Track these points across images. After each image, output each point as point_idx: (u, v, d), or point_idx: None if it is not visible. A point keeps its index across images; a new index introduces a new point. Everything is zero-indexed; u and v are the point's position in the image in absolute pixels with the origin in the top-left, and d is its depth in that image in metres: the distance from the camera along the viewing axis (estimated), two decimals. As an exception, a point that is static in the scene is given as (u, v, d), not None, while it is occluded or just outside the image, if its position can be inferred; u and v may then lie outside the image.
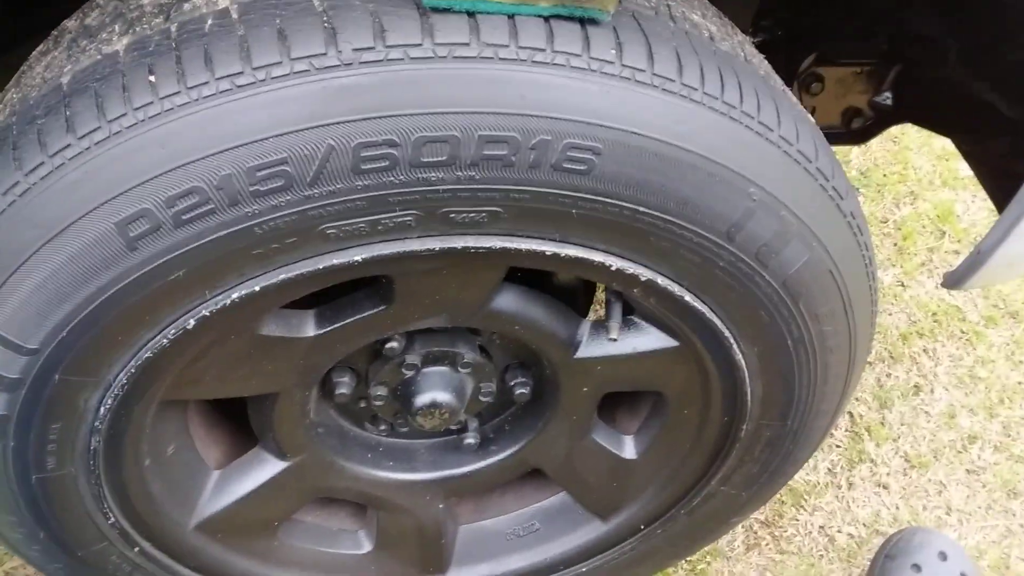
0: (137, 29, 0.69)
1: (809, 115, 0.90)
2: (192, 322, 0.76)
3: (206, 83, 0.65)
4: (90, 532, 0.97)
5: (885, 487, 1.67)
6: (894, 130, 2.68)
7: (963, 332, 1.94)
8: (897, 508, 1.63)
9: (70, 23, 0.81)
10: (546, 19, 0.69)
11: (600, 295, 1.34)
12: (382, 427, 1.17)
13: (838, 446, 1.73)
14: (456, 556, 1.30)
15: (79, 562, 1.02)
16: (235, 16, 0.67)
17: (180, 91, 0.65)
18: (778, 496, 1.63)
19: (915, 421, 1.77)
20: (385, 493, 1.18)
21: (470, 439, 1.18)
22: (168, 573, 1.09)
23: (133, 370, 0.79)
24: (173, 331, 0.76)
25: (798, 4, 1.45)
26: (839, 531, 1.61)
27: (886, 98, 1.61)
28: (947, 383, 1.84)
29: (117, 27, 0.71)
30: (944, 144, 2.51)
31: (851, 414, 1.78)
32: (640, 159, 0.73)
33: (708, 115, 0.74)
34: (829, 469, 1.69)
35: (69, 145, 0.66)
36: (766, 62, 0.91)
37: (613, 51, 0.70)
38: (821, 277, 0.89)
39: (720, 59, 0.77)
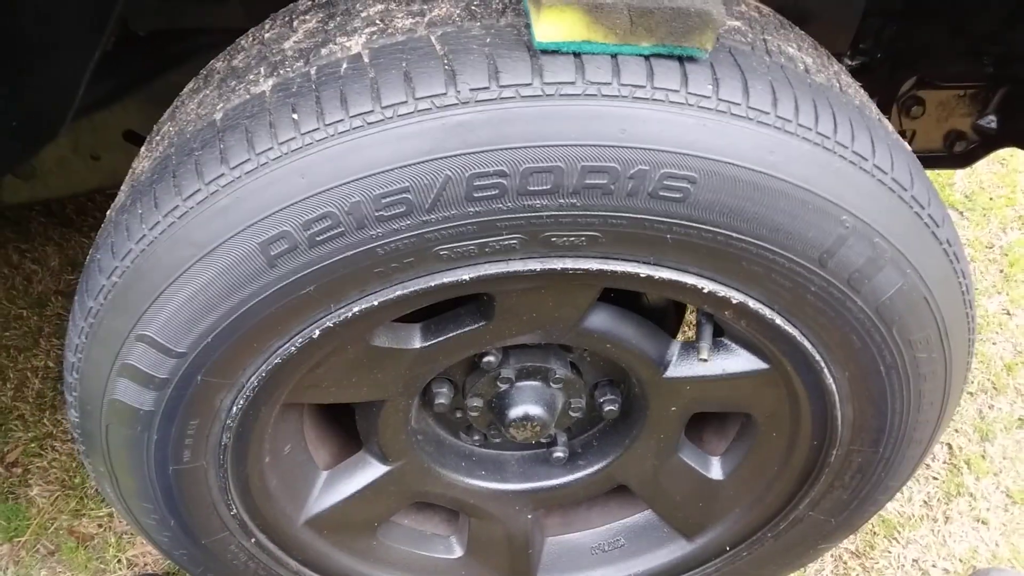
0: (280, 72, 0.79)
1: (905, 143, 0.91)
2: (317, 332, 0.84)
3: (341, 120, 0.73)
4: (214, 522, 1.07)
5: (984, 523, 1.61)
6: (1002, 152, 2.58)
7: (1074, 364, 1.85)
8: (996, 545, 1.57)
9: (218, 64, 0.91)
10: (647, 58, 0.74)
11: (690, 316, 1.36)
12: (476, 437, 1.24)
13: (935, 478, 1.68)
14: (543, 567, 1.34)
15: (202, 550, 1.12)
16: (367, 60, 0.75)
17: (319, 128, 0.73)
18: (870, 527, 1.60)
19: (1018, 455, 1.70)
20: (477, 501, 1.24)
21: (559, 453, 1.23)
22: (278, 564, 1.17)
23: (264, 374, 0.87)
24: (300, 340, 0.85)
25: (898, 26, 1.44)
26: (934, 566, 1.56)
27: (991, 121, 1.57)
28: (1055, 417, 1.76)
29: (262, 69, 0.81)
30: (1055, 167, 2.40)
31: (950, 446, 1.73)
32: (734, 188, 0.77)
33: (802, 145, 0.77)
34: (925, 502, 1.65)
35: (222, 175, 0.76)
36: (863, 91, 0.93)
37: (710, 86, 0.74)
38: (915, 304, 0.90)
39: (814, 91, 0.80)
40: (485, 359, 1.08)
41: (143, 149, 0.91)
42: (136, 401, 0.89)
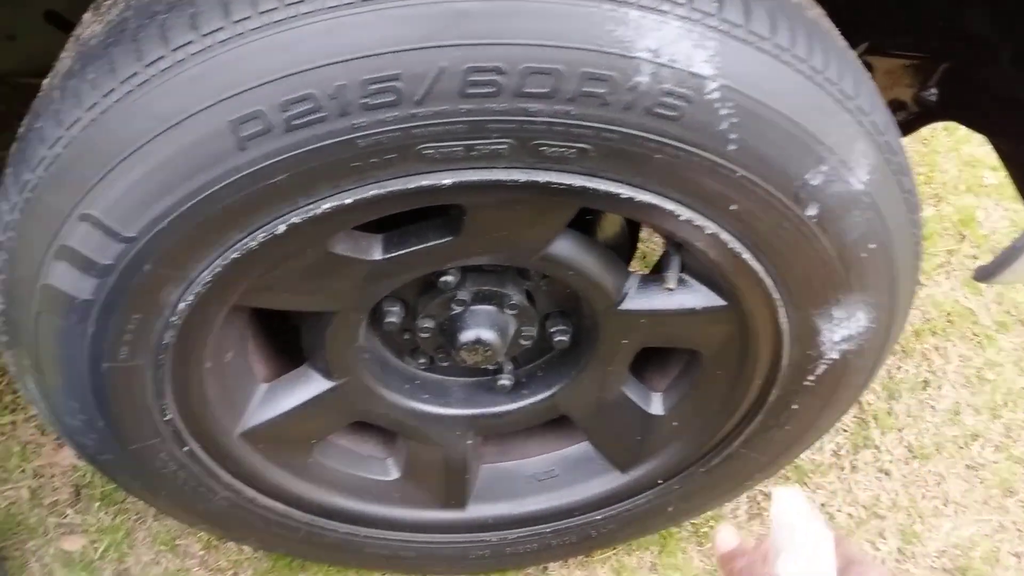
0: (263, -63, 0.72)
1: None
2: (282, 227, 0.79)
3: (329, -5, 0.67)
4: (146, 427, 1.01)
5: (887, 473, 1.72)
6: (924, 132, 2.70)
7: (975, 334, 1.98)
8: (896, 494, 1.68)
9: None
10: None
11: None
12: (422, 361, 1.22)
13: (845, 430, 1.78)
14: (476, 493, 1.35)
15: (128, 455, 1.06)
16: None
17: (304, 0, 0.67)
18: (783, 472, 1.69)
19: (921, 414, 1.82)
20: (418, 424, 1.23)
21: (504, 381, 1.23)
22: (209, 476, 1.13)
23: (218, 268, 0.82)
24: (263, 235, 0.80)
25: (854, -6, 1.47)
26: (839, 510, 1.66)
27: (932, 94, 1.64)
28: (955, 381, 1.88)
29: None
30: (972, 151, 2.53)
31: (860, 401, 1.83)
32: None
33: (795, 77, 0.77)
34: (834, 451, 1.74)
35: (192, 42, 0.69)
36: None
37: (716, 4, 0.73)
38: (876, 251, 0.93)
39: (808, 25, 0.80)
40: (443, 279, 1.05)
41: (88, 14, 0.82)
42: (74, 288, 0.82)
